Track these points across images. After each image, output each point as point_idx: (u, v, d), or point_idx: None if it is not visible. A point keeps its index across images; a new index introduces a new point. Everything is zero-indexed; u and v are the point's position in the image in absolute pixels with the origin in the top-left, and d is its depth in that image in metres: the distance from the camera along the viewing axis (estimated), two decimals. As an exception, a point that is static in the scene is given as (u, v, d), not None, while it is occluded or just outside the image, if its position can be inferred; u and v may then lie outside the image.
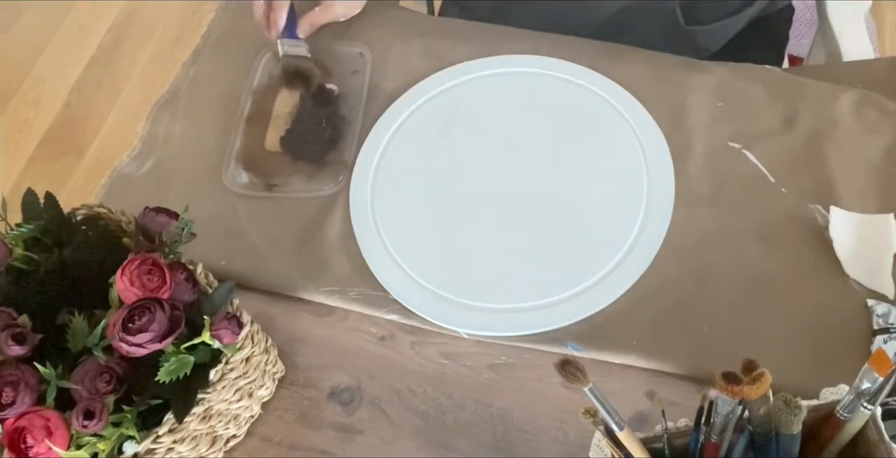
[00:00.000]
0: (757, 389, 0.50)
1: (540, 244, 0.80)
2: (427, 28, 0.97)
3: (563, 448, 0.71)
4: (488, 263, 0.80)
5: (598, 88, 0.88)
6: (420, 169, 0.86)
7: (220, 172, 0.88)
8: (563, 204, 0.82)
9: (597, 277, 0.78)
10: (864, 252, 0.78)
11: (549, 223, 0.81)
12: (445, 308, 0.78)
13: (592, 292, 0.77)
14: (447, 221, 0.83)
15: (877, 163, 0.84)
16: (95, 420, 0.57)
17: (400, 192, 0.85)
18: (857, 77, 0.91)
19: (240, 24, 1.00)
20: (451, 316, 0.78)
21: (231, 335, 0.62)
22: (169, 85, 0.97)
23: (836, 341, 0.74)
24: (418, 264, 0.80)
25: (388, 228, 0.83)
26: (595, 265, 0.78)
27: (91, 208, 0.71)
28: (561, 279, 0.78)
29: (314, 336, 0.79)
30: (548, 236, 0.81)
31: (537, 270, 0.79)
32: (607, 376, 0.74)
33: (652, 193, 0.81)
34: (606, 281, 0.77)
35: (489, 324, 0.77)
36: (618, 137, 0.85)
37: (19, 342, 0.59)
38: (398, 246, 0.81)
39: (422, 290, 0.79)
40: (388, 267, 0.81)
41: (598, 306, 0.77)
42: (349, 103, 0.91)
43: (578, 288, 0.77)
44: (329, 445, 0.74)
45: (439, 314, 0.78)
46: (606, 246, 0.79)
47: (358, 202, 0.85)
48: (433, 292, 0.79)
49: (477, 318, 0.77)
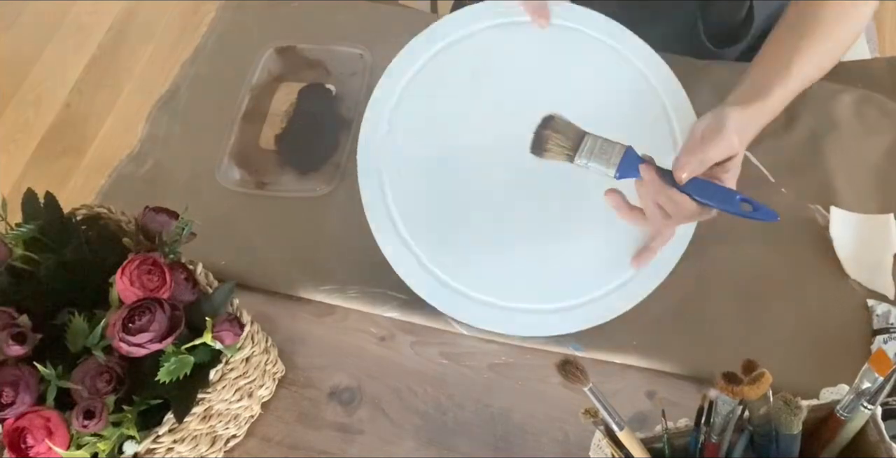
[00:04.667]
0: (757, 389, 0.50)
1: (558, 247, 0.77)
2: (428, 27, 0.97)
3: (563, 448, 0.71)
4: (504, 258, 0.77)
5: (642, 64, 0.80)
6: (439, 150, 0.78)
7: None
8: (586, 205, 0.77)
9: (612, 285, 0.76)
10: (864, 252, 0.78)
11: (570, 226, 0.77)
12: (455, 299, 0.76)
13: (606, 300, 0.76)
14: (466, 211, 0.78)
15: (877, 163, 0.84)
16: (95, 420, 0.57)
17: (417, 178, 0.78)
18: (857, 77, 0.91)
19: (240, 24, 1.00)
20: (460, 308, 0.76)
21: (232, 336, 0.62)
22: (169, 85, 0.97)
23: (836, 341, 0.74)
24: (431, 250, 0.77)
25: (404, 213, 0.77)
26: (611, 273, 0.76)
27: (91, 208, 0.71)
28: (575, 285, 0.76)
29: (314, 336, 0.79)
30: (566, 239, 0.77)
31: (550, 272, 0.77)
32: (607, 376, 0.74)
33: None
34: (621, 290, 0.76)
35: (495, 320, 0.76)
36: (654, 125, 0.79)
37: (19, 342, 0.59)
38: (413, 232, 0.77)
39: (433, 279, 0.76)
40: (401, 253, 0.77)
41: (607, 316, 0.76)
42: (347, 104, 0.91)
43: (592, 295, 0.76)
44: (329, 445, 0.74)
45: (448, 305, 0.76)
46: (626, 254, 0.76)
47: (370, 187, 0.78)
48: (444, 282, 0.76)
49: (484, 312, 0.76)
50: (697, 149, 0.66)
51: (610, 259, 0.76)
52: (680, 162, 0.66)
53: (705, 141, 0.66)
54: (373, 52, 0.94)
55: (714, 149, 0.66)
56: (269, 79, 0.94)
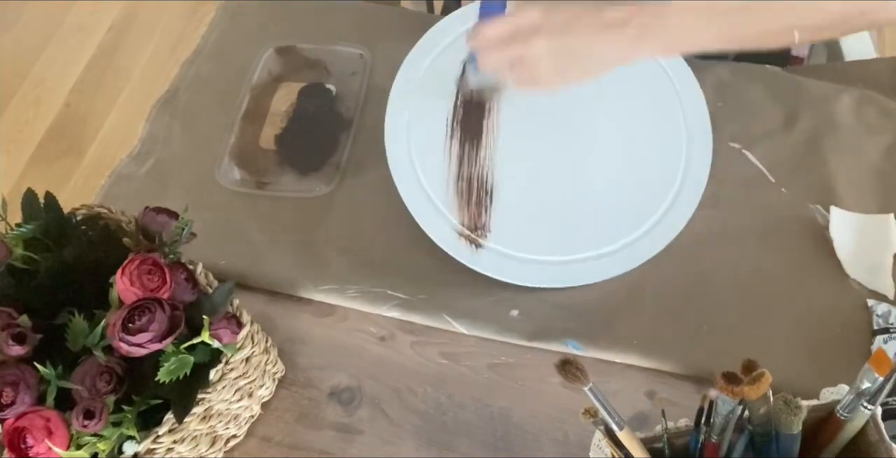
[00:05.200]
0: (757, 389, 0.50)
1: (588, 195, 0.80)
2: (428, 28, 0.97)
3: (563, 448, 0.71)
4: (536, 212, 0.80)
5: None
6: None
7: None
8: (606, 152, 0.82)
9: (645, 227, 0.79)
10: (864, 252, 0.78)
11: (596, 176, 0.81)
12: (497, 259, 0.77)
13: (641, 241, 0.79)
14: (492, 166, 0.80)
15: (877, 163, 0.84)
16: (95, 420, 0.57)
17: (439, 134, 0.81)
18: (858, 77, 0.91)
19: (240, 24, 1.00)
20: (504, 268, 0.77)
21: (230, 335, 0.62)
22: (169, 85, 0.97)
23: (836, 341, 0.74)
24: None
25: (430, 179, 0.79)
26: (643, 216, 0.80)
27: (91, 208, 0.71)
28: (606, 231, 0.79)
29: (314, 336, 0.79)
30: (592, 189, 0.81)
31: (581, 221, 0.79)
32: (607, 375, 0.74)
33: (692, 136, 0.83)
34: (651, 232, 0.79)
35: (552, 276, 0.77)
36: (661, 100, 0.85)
37: (19, 342, 0.59)
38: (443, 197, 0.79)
39: (467, 242, 0.78)
40: (430, 214, 0.78)
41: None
42: (347, 104, 0.91)
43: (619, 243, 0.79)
44: (329, 445, 0.74)
45: (487, 266, 0.77)
46: (650, 197, 0.80)
47: (398, 159, 0.80)
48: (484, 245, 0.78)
49: (536, 270, 0.77)
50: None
51: (641, 203, 0.80)
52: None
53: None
54: (373, 52, 0.94)
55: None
56: (269, 79, 0.94)
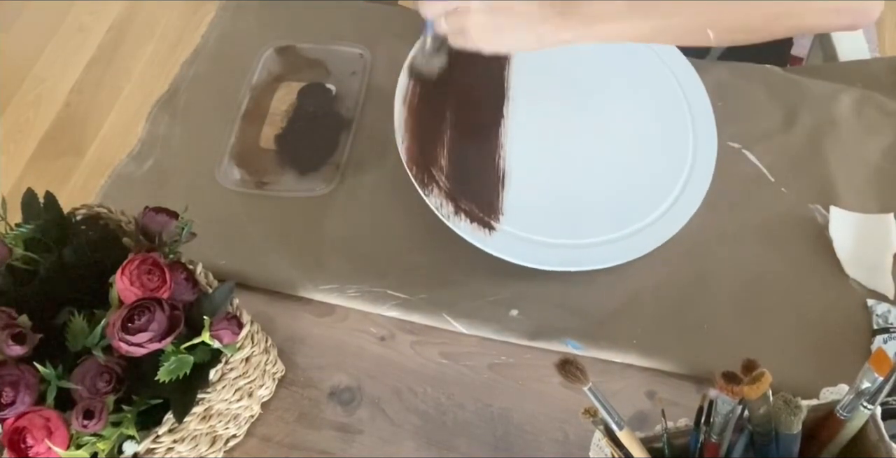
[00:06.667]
0: (757, 389, 0.50)
1: (595, 184, 0.80)
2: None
3: (563, 448, 0.71)
4: (548, 196, 0.79)
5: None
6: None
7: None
8: (622, 135, 0.83)
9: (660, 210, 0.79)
10: (864, 252, 0.78)
11: (609, 159, 0.81)
12: (511, 243, 0.77)
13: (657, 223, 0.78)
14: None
15: (877, 163, 0.84)
16: (95, 420, 0.57)
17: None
18: (857, 77, 0.91)
19: (240, 24, 1.00)
20: (517, 250, 0.76)
21: (231, 335, 0.62)
22: (169, 85, 0.97)
23: (836, 341, 0.74)
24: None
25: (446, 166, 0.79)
26: (657, 199, 0.79)
27: (91, 208, 0.71)
28: (620, 216, 0.79)
29: (314, 336, 0.79)
30: (604, 173, 0.81)
31: (593, 206, 0.79)
32: (607, 375, 0.75)
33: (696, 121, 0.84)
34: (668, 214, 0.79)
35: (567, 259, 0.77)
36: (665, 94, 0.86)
37: (19, 342, 0.59)
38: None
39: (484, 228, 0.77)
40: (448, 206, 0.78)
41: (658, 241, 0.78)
42: (347, 104, 0.91)
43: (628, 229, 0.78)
44: (329, 445, 0.74)
45: (500, 249, 0.76)
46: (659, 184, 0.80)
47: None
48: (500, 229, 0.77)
49: (550, 253, 0.77)
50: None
51: (653, 187, 0.80)
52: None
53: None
54: (372, 52, 0.94)
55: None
56: (269, 79, 0.94)
